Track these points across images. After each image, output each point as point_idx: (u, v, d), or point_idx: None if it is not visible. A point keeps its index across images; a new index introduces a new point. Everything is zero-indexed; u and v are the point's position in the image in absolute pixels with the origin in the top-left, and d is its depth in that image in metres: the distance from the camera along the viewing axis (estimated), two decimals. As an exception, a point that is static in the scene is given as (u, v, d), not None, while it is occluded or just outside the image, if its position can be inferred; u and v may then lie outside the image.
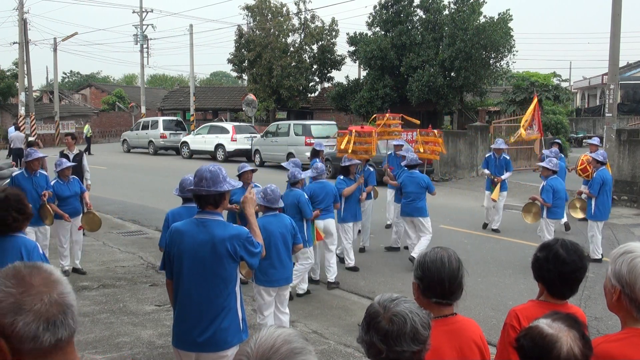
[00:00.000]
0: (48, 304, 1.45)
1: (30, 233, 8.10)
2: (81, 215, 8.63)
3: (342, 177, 9.03)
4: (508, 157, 11.95)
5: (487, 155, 12.06)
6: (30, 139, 26.24)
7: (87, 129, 32.57)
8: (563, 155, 13.14)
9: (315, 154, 10.46)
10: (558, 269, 2.64)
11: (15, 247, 3.89)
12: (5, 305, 1.42)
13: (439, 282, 2.47)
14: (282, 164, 9.52)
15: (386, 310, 1.91)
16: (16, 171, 8.87)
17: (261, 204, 5.81)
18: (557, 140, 13.81)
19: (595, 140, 11.90)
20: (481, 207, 12.82)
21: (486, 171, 11.78)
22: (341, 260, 9.05)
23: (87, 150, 30.93)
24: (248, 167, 7.74)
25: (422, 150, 10.31)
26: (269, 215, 5.79)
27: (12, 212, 3.89)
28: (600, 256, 9.25)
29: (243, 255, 3.74)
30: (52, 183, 8.23)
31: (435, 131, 10.86)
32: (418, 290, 2.53)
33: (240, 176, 7.52)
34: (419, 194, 9.03)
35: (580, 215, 9.81)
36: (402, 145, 11.76)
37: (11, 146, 23.95)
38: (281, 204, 5.90)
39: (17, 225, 3.94)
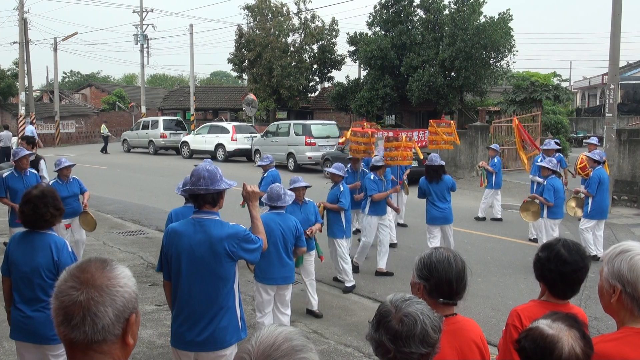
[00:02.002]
0: (71, 302, 1.50)
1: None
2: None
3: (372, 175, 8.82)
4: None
5: (537, 160, 11.01)
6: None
7: (103, 128, 32.64)
8: (562, 155, 13.19)
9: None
10: (559, 269, 2.63)
11: (46, 244, 3.96)
12: (56, 284, 1.56)
13: (447, 282, 2.46)
14: (328, 169, 8.70)
15: (397, 310, 1.90)
16: (6, 172, 8.74)
17: (266, 203, 5.82)
18: (555, 141, 13.85)
19: (594, 140, 11.87)
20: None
21: (538, 178, 10.52)
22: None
23: (105, 148, 31.08)
24: (302, 182, 6.95)
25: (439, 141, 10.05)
26: (272, 213, 5.76)
27: (50, 208, 3.96)
28: (593, 253, 9.22)
29: (241, 254, 3.74)
30: (50, 183, 8.08)
31: (451, 122, 10.49)
32: (422, 291, 2.50)
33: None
34: None
35: (579, 213, 9.81)
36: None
37: (1, 145, 23.97)
38: (285, 203, 5.79)
39: (52, 221, 4.01)
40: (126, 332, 1.56)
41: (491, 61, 27.03)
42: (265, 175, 9.45)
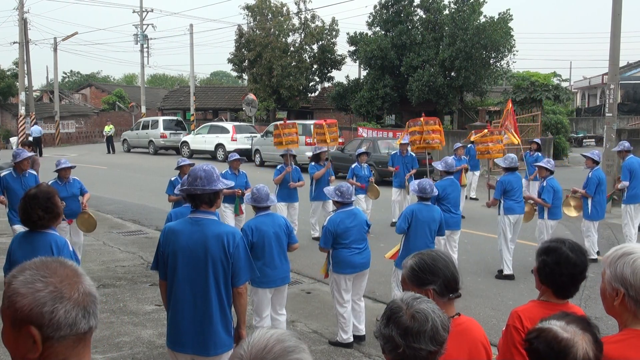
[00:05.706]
0: (83, 294, 1.51)
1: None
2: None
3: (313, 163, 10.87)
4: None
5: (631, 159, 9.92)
6: (29, 138, 26.27)
7: (108, 128, 32.38)
8: (540, 155, 13.22)
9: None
10: (570, 271, 2.63)
11: (46, 244, 3.94)
12: (46, 293, 1.47)
13: (452, 276, 2.49)
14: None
15: (409, 307, 1.91)
16: (5, 171, 8.69)
17: (251, 205, 5.77)
18: (536, 140, 13.91)
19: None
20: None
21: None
22: None
23: (111, 148, 30.94)
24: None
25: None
26: (261, 216, 5.64)
27: (38, 210, 3.93)
28: (596, 256, 9.24)
29: (234, 253, 3.70)
30: (49, 183, 8.03)
31: (436, 119, 11.47)
32: (434, 295, 2.45)
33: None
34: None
35: (574, 213, 9.75)
36: (408, 144, 11.67)
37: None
38: (271, 203, 5.71)
39: (42, 223, 3.97)
40: None
41: (491, 61, 27.04)
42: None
